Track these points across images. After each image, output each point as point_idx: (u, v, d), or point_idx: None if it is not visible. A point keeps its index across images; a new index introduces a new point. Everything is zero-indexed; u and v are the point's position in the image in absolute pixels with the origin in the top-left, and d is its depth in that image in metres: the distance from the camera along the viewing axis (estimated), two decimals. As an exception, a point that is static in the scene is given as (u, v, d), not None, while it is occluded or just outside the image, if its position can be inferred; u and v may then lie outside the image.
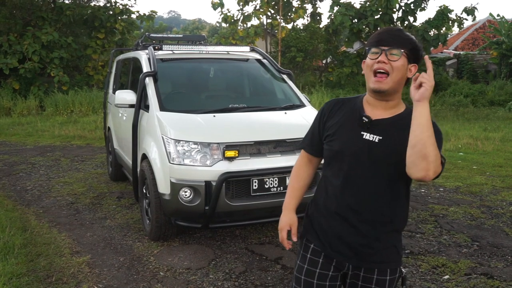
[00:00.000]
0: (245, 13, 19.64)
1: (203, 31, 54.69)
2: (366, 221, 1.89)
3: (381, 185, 1.85)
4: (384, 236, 1.91)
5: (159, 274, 3.86)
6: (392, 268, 1.93)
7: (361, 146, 1.85)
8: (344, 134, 1.90)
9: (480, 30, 26.44)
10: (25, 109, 14.79)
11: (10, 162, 8.19)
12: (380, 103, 1.88)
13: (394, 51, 1.78)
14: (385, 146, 1.81)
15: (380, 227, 1.89)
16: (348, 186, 1.89)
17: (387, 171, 1.83)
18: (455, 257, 4.18)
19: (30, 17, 16.25)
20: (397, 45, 1.79)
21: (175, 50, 5.42)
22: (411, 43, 1.82)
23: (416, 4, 17.34)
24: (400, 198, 1.90)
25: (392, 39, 1.80)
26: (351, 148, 1.87)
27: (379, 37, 1.83)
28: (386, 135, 1.82)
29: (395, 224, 1.93)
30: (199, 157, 4.05)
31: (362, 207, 1.88)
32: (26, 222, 5.04)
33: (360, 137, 1.85)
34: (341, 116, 1.94)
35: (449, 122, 12.96)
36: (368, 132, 1.85)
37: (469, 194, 6.15)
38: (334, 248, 1.94)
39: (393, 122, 1.85)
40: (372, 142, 1.84)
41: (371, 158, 1.83)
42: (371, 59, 1.82)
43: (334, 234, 1.94)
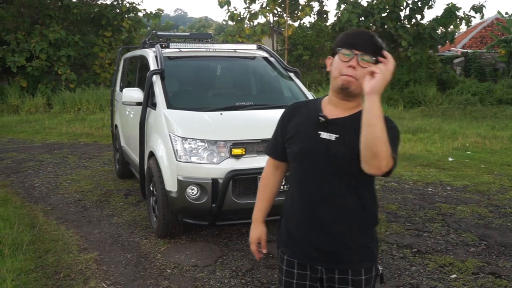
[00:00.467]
0: (252, 11, 19.63)
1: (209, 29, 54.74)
2: (332, 221, 1.87)
3: (342, 183, 1.84)
4: (353, 235, 1.89)
5: (166, 271, 3.88)
6: (366, 267, 1.91)
7: (319, 145, 1.84)
8: (302, 135, 1.90)
9: (488, 28, 26.26)
10: (33, 107, 14.88)
11: (18, 159, 8.24)
12: (341, 103, 1.87)
13: (366, 57, 1.76)
14: (342, 144, 1.81)
15: (347, 226, 1.87)
16: (311, 187, 1.88)
17: (347, 169, 1.82)
18: (463, 256, 4.16)
19: (38, 15, 16.33)
20: (370, 52, 1.76)
21: (182, 48, 5.43)
22: (381, 52, 1.78)
23: (423, 2, 17.24)
24: (364, 195, 1.89)
25: (367, 45, 1.77)
26: (310, 148, 1.87)
27: (352, 38, 1.80)
28: (342, 133, 1.82)
29: (363, 222, 1.90)
30: (206, 154, 4.06)
31: (327, 207, 1.87)
32: (34, 219, 5.07)
33: (318, 136, 1.85)
34: (300, 119, 1.95)
35: (456, 120, 12.89)
36: (325, 131, 1.85)
37: (477, 193, 6.12)
38: (305, 254, 1.93)
39: (350, 120, 1.83)
40: (329, 141, 1.83)
41: (330, 156, 1.82)
42: (342, 60, 1.80)
43: (303, 239, 1.93)
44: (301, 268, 1.94)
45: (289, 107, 2.05)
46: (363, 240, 1.90)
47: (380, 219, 5.05)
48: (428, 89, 16.68)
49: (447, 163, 7.88)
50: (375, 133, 1.64)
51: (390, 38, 17.35)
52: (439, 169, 7.43)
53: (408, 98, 16.41)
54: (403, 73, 17.33)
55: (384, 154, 1.66)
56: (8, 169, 7.53)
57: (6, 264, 3.79)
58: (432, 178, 6.89)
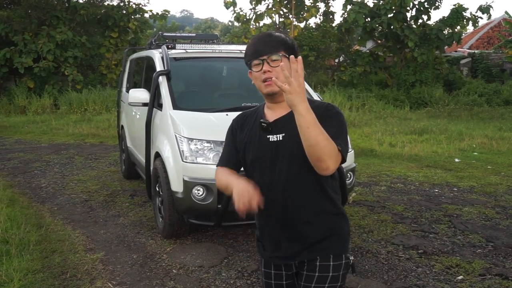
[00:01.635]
0: (258, 12, 19.63)
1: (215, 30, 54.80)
2: (298, 219, 1.92)
3: (299, 178, 1.88)
4: (320, 228, 1.93)
5: (172, 272, 3.88)
6: (335, 254, 1.94)
7: (270, 148, 1.90)
8: (253, 143, 1.95)
9: (495, 28, 26.11)
10: (40, 108, 14.97)
11: (25, 160, 8.29)
12: (279, 104, 1.92)
13: (273, 56, 1.84)
14: (290, 140, 1.85)
15: (311, 218, 1.92)
16: (271, 189, 1.91)
17: (300, 164, 1.84)
18: (469, 257, 4.14)
19: (45, 16, 16.43)
20: (273, 50, 1.85)
21: (188, 49, 5.44)
22: (283, 43, 1.88)
23: (430, 2, 17.17)
24: (322, 184, 1.92)
25: (267, 46, 1.86)
26: (262, 153, 1.92)
27: (254, 48, 1.89)
28: (287, 130, 1.86)
29: (327, 210, 1.94)
30: (212, 155, 4.06)
31: (290, 206, 1.91)
32: (41, 219, 5.10)
33: (267, 140, 1.91)
34: (248, 128, 2.00)
35: (463, 121, 12.83)
36: (271, 134, 1.90)
37: (484, 194, 6.09)
38: (277, 254, 1.98)
39: (291, 117, 1.79)
40: (278, 142, 1.89)
41: (282, 156, 1.87)
42: (256, 71, 1.89)
43: (273, 239, 1.98)
44: (276, 268, 2.02)
45: (235, 119, 2.11)
46: (331, 229, 1.94)
47: (386, 220, 5.04)
48: (434, 90, 16.62)
49: (454, 164, 7.84)
50: (311, 142, 1.68)
51: (397, 38, 17.30)
52: (446, 170, 7.40)
53: (414, 99, 16.36)
54: (409, 73, 17.28)
55: (327, 155, 1.70)
56: (15, 170, 7.58)
57: (13, 264, 3.81)
58: (438, 179, 6.86)
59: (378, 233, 4.69)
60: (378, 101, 15.79)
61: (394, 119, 13.19)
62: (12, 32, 15.82)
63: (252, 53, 1.90)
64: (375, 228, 4.82)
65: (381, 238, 4.57)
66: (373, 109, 14.88)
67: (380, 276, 3.82)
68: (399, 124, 12.15)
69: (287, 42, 1.90)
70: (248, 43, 1.96)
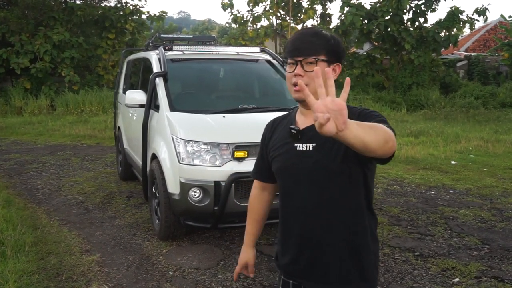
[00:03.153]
0: (255, 14, 19.66)
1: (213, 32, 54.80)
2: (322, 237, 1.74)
3: (330, 195, 1.71)
4: (342, 255, 1.73)
5: (168, 274, 3.88)
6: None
7: (298, 158, 1.73)
8: (281, 151, 1.79)
9: (492, 31, 26.22)
10: (36, 108, 14.94)
11: (22, 161, 8.27)
12: (309, 111, 1.72)
13: (309, 60, 1.66)
14: (320, 152, 1.68)
15: (339, 241, 1.73)
16: (297, 203, 1.77)
17: (333, 179, 1.69)
18: (465, 260, 4.15)
19: (42, 17, 16.41)
20: (311, 53, 1.66)
21: (185, 51, 5.44)
22: (327, 46, 1.68)
23: (426, 5, 17.24)
24: (356, 208, 1.74)
25: (306, 46, 1.67)
26: (290, 163, 1.76)
27: (293, 45, 1.70)
28: (319, 140, 1.66)
29: (355, 242, 1.74)
30: (209, 157, 4.06)
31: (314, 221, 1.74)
32: (37, 220, 5.09)
33: (295, 149, 1.74)
34: (278, 135, 1.86)
35: (459, 123, 12.87)
36: (300, 143, 1.72)
37: (480, 196, 6.11)
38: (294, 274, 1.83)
39: None
40: (306, 152, 1.71)
41: (311, 168, 1.69)
42: (288, 72, 1.72)
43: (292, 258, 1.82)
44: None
45: (267, 125, 1.96)
46: (354, 260, 1.74)
47: (382, 222, 5.04)
48: (431, 92, 16.67)
49: (450, 166, 7.86)
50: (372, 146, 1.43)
51: (394, 41, 17.35)
52: (442, 173, 7.42)
53: (411, 101, 16.40)
54: (406, 76, 17.32)
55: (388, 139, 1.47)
56: (11, 171, 7.55)
57: (9, 265, 3.79)
58: (434, 181, 6.87)
59: (375, 235, 4.69)
60: (375, 103, 15.83)
61: (391, 121, 13.15)
62: (9, 32, 15.79)
63: (289, 50, 1.71)
64: (371, 230, 4.82)
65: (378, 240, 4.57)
66: (370, 111, 14.90)
67: (376, 278, 3.82)
68: (395, 126, 12.17)
69: (331, 46, 1.69)
70: (291, 36, 1.77)
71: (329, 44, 1.69)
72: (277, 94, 5.62)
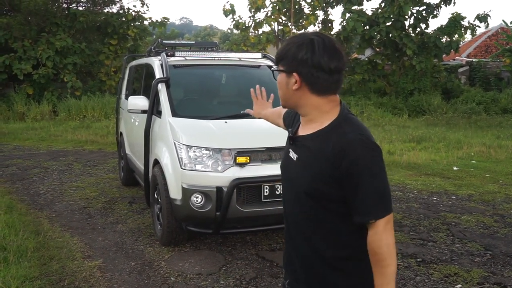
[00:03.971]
0: (257, 20, 19.71)
1: (214, 38, 54.92)
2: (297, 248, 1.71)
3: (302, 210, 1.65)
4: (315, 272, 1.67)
5: (170, 279, 3.87)
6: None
7: (288, 162, 1.72)
8: (286, 146, 1.79)
9: (493, 37, 26.24)
10: (39, 114, 14.97)
11: (24, 167, 8.28)
12: (303, 119, 1.71)
13: (276, 67, 1.69)
14: (296, 166, 1.65)
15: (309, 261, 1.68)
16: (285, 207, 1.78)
17: (294, 197, 1.66)
18: (468, 266, 4.14)
19: (45, 23, 16.47)
20: (276, 62, 1.69)
21: (188, 57, 5.46)
22: (280, 56, 1.65)
23: (428, 11, 17.28)
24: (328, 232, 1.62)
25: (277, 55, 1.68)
26: (284, 164, 1.77)
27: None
28: (300, 153, 1.64)
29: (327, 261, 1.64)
30: (211, 163, 4.07)
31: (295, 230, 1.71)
32: (39, 226, 5.09)
33: (288, 154, 1.73)
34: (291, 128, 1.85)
35: (461, 129, 12.86)
36: (292, 149, 1.71)
37: (482, 202, 6.10)
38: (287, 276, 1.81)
39: (309, 140, 1.64)
40: (292, 160, 1.69)
41: (293, 177, 1.68)
42: None
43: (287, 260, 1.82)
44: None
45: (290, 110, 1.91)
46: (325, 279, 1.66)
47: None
48: (432, 98, 16.67)
49: (452, 172, 7.85)
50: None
51: (395, 47, 17.37)
52: (444, 178, 7.41)
53: (412, 107, 16.40)
54: (407, 81, 17.33)
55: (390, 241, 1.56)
56: (13, 176, 7.57)
57: (11, 271, 3.80)
58: (436, 187, 6.87)
59: (377, 241, 4.68)
60: (376, 109, 15.83)
61: (393, 127, 13.22)
62: (11, 38, 15.85)
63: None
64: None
65: (380, 246, 4.56)
66: (371, 117, 14.92)
67: (378, 284, 3.81)
68: (397, 132, 12.18)
69: (282, 56, 1.64)
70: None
71: (280, 55, 1.65)
72: (279, 100, 5.62)
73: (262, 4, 19.18)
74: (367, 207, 1.51)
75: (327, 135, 1.58)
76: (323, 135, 1.59)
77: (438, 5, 17.34)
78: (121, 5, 18.68)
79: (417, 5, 17.12)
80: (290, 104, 1.69)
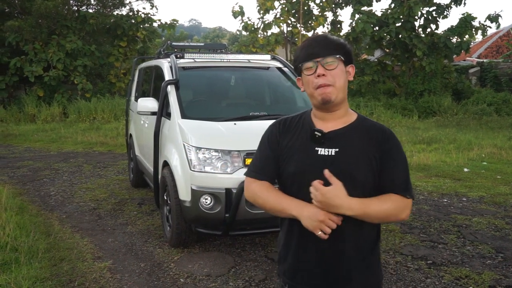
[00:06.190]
0: (266, 21, 19.71)
1: (223, 39, 55.04)
2: (334, 250, 1.72)
3: None
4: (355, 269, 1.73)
5: (179, 281, 3.88)
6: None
7: (318, 162, 1.68)
8: (297, 153, 1.73)
9: (504, 37, 26.01)
10: (49, 116, 15.10)
11: (35, 168, 8.35)
12: (329, 115, 1.74)
13: (329, 59, 1.68)
14: (343, 158, 1.67)
15: (348, 258, 1.72)
16: None
17: (352, 185, 1.65)
18: (479, 268, 4.10)
19: (55, 26, 16.61)
20: (330, 53, 1.69)
21: (197, 59, 5.47)
22: (342, 46, 1.72)
23: (438, 11, 17.17)
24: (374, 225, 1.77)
25: (323, 48, 1.69)
26: (308, 167, 1.70)
27: (307, 50, 1.71)
28: (342, 146, 1.68)
29: (365, 252, 1.75)
30: (220, 164, 4.07)
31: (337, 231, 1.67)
32: (50, 227, 5.13)
33: (315, 153, 1.70)
34: (292, 136, 1.79)
35: (472, 130, 12.76)
36: (322, 147, 1.69)
37: (493, 204, 6.04)
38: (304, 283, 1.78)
39: (346, 132, 1.72)
40: (328, 157, 1.68)
41: (332, 173, 1.63)
42: (308, 75, 1.70)
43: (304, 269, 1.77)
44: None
45: (275, 124, 1.86)
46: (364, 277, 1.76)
47: (394, 230, 5.01)
48: (443, 99, 16.55)
49: (463, 173, 7.79)
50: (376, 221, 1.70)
51: (405, 47, 17.28)
52: (455, 180, 7.35)
53: (422, 108, 16.30)
54: (417, 83, 17.23)
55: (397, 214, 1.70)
56: (24, 178, 7.63)
57: (22, 272, 3.83)
58: (447, 189, 6.81)
59: (387, 243, 4.67)
60: (386, 110, 15.75)
61: (403, 128, 13.15)
62: (22, 41, 16.00)
63: (304, 55, 1.71)
64: (383, 238, 4.79)
65: (390, 248, 4.55)
66: (381, 118, 14.84)
67: (388, 287, 3.79)
68: (407, 133, 12.11)
69: (345, 47, 1.73)
70: (300, 45, 1.77)
71: (343, 45, 1.73)
72: (288, 101, 5.63)
73: (271, 6, 19.17)
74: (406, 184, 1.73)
75: (361, 126, 1.74)
76: (358, 127, 1.74)
77: (448, 6, 17.21)
78: (131, 7, 18.83)
79: (427, 6, 17.00)
80: (341, 97, 1.72)
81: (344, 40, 1.76)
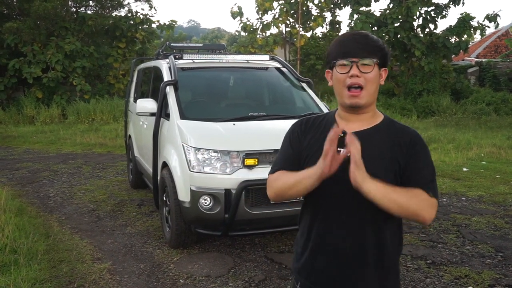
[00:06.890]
0: (264, 22, 19.75)
1: (222, 40, 55.05)
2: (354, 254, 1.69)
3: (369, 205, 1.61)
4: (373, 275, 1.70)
5: (179, 282, 3.88)
6: None
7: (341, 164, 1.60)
8: (319, 153, 1.62)
9: (503, 37, 26.02)
10: (48, 117, 15.08)
11: (34, 170, 8.34)
12: (355, 116, 1.71)
13: (366, 61, 1.62)
14: (365, 159, 1.57)
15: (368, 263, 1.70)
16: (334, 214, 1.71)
17: None
18: (479, 268, 4.11)
19: (54, 27, 16.60)
20: (367, 55, 1.62)
21: (195, 59, 5.47)
22: (381, 49, 1.66)
23: (437, 11, 17.19)
24: (391, 221, 1.70)
25: (361, 48, 1.63)
26: None
27: (344, 47, 1.65)
28: (364, 147, 1.57)
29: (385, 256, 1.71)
30: (219, 165, 4.07)
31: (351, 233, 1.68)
32: (49, 229, 5.12)
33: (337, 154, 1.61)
34: (314, 135, 1.75)
35: (471, 130, 12.77)
36: (344, 148, 1.59)
37: (493, 203, 6.04)
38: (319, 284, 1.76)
39: (371, 134, 1.68)
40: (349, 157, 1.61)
41: None
42: (341, 73, 1.64)
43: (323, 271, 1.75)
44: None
45: (297, 123, 1.83)
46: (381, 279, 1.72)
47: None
48: (441, 98, 16.57)
49: (462, 173, 7.80)
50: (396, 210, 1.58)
51: (404, 47, 17.30)
52: (454, 180, 7.36)
53: (421, 108, 16.31)
54: (416, 83, 17.25)
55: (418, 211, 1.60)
56: (23, 179, 7.62)
57: (21, 273, 3.82)
58: (446, 188, 6.82)
59: (386, 243, 4.66)
60: (385, 110, 15.76)
61: (402, 128, 13.13)
62: (21, 43, 15.99)
63: (340, 51, 1.65)
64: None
65: (389, 248, 4.54)
66: (380, 118, 14.83)
67: (388, 286, 3.78)
68: (406, 133, 12.09)
69: (383, 50, 1.66)
70: (337, 39, 1.70)
71: (382, 47, 1.67)
72: (287, 101, 5.63)
73: (270, 6, 19.20)
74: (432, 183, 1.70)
75: (386, 128, 1.72)
76: (383, 129, 1.72)
77: (446, 5, 17.24)
78: (129, 9, 18.81)
79: (425, 6, 17.03)
80: (372, 99, 1.69)
81: (383, 43, 1.69)
